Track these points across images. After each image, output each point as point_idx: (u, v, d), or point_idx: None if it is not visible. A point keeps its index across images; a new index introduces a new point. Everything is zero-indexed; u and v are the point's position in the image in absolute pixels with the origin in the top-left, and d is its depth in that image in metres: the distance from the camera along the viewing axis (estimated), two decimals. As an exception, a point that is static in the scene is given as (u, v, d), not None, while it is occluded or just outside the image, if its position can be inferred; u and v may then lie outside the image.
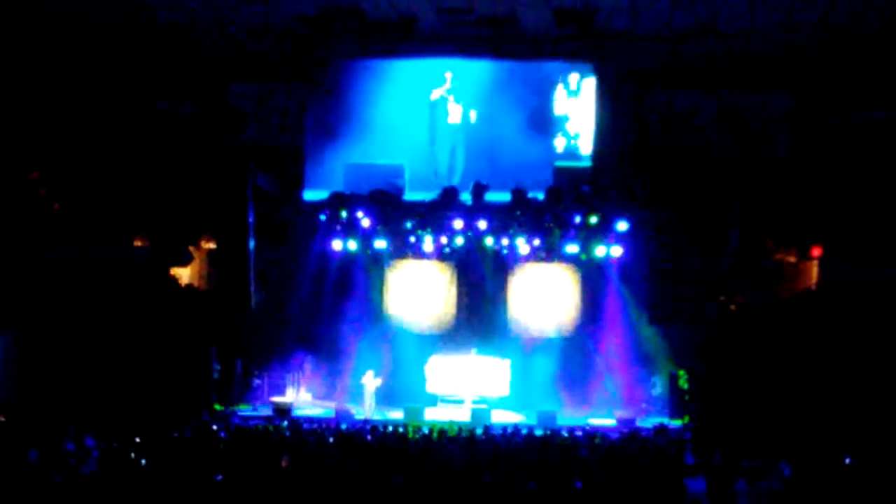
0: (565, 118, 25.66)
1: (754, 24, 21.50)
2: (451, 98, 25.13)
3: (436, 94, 25.17)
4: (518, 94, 25.36)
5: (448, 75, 25.11)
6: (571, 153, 25.57)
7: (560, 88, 25.63)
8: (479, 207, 24.30)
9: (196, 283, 25.28)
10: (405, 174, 24.95)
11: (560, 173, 24.87)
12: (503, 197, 24.29)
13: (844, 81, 23.72)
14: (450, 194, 24.40)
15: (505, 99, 25.35)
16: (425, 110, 25.28)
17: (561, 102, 25.71)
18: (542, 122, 25.59)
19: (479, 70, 25.25)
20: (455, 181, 25.25)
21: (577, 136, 25.61)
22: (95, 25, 22.34)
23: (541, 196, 24.32)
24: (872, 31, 21.49)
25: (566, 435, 18.90)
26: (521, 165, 24.92)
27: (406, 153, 25.35)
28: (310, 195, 24.97)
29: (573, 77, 25.49)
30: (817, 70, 23.65)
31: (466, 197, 24.48)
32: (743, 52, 22.90)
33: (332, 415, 22.83)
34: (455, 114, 25.19)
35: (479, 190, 24.26)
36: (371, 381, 24.04)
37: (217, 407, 23.05)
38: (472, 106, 25.42)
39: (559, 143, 25.69)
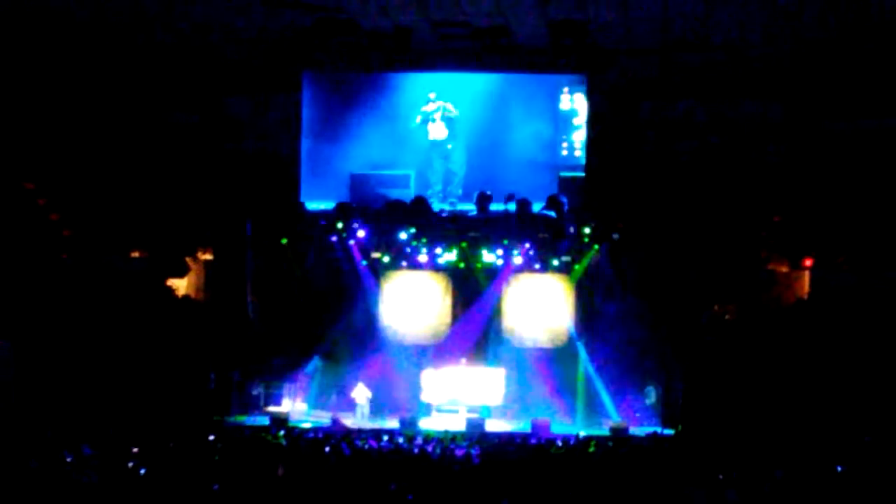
0: (568, 128, 25.75)
1: (746, 35, 21.65)
2: (437, 114, 25.15)
3: (418, 119, 25.23)
4: (521, 105, 25.46)
5: (431, 95, 25.18)
6: (573, 164, 25.64)
7: (562, 100, 25.73)
8: (483, 218, 24.43)
9: (193, 294, 25.38)
10: (411, 184, 25.04)
11: (564, 183, 24.99)
12: (506, 208, 24.44)
13: (836, 90, 23.90)
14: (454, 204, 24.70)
15: (507, 110, 25.46)
16: (419, 123, 25.38)
17: (563, 114, 25.79)
18: (545, 134, 25.69)
19: (481, 82, 25.32)
20: (456, 192, 25.38)
21: (577, 146, 25.71)
22: (92, 36, 22.45)
23: (538, 207, 24.51)
24: (863, 41, 21.66)
25: (560, 444, 19.01)
26: (523, 177, 25.04)
27: (411, 162, 25.46)
28: (312, 205, 25.06)
29: (574, 89, 25.57)
30: (808, 79, 23.83)
31: (469, 207, 24.65)
32: (735, 62, 23.07)
33: (328, 424, 22.93)
34: (438, 131, 25.20)
35: (483, 201, 24.37)
36: (361, 394, 24.19)
37: (214, 417, 23.12)
38: (472, 118, 25.48)
39: (562, 154, 25.78)
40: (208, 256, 25.52)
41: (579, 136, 25.40)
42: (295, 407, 24.80)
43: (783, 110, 24.83)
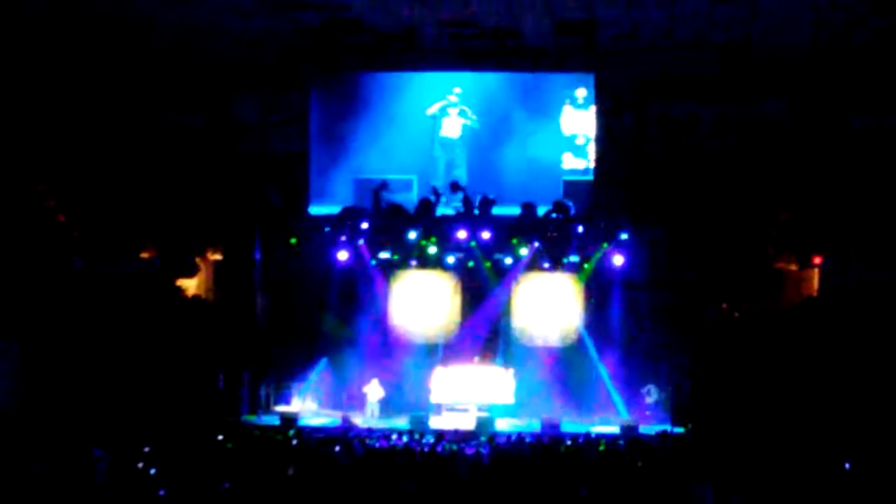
0: (573, 131, 25.78)
1: (751, 35, 21.65)
2: (450, 112, 25.24)
3: (434, 108, 25.32)
4: (526, 106, 25.54)
5: (456, 90, 25.23)
6: (578, 166, 25.69)
7: (567, 101, 25.79)
8: (485, 220, 24.50)
9: (202, 294, 25.42)
10: (414, 189, 25.12)
11: (568, 187, 25.05)
12: (510, 210, 24.49)
13: (841, 88, 23.87)
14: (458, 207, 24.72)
15: (513, 112, 25.53)
16: (427, 124, 25.44)
17: (568, 115, 25.86)
18: (550, 135, 25.74)
19: (485, 82, 25.38)
20: (459, 197, 25.43)
21: (583, 149, 25.78)
22: (100, 35, 22.51)
23: (544, 209, 24.58)
24: (866, 39, 21.65)
25: (570, 442, 19.03)
26: (529, 179, 25.13)
27: (414, 167, 25.54)
28: (317, 209, 25.12)
29: (580, 90, 25.65)
30: (814, 78, 23.80)
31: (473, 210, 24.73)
32: (741, 61, 23.06)
33: (338, 423, 22.98)
34: (453, 128, 25.28)
35: (485, 204, 24.45)
36: (374, 391, 24.24)
37: (223, 416, 23.16)
38: (478, 119, 25.56)
39: (567, 156, 25.85)
40: (217, 257, 25.57)
41: (582, 139, 25.49)
42: (304, 406, 24.86)
43: (791, 108, 24.78)
